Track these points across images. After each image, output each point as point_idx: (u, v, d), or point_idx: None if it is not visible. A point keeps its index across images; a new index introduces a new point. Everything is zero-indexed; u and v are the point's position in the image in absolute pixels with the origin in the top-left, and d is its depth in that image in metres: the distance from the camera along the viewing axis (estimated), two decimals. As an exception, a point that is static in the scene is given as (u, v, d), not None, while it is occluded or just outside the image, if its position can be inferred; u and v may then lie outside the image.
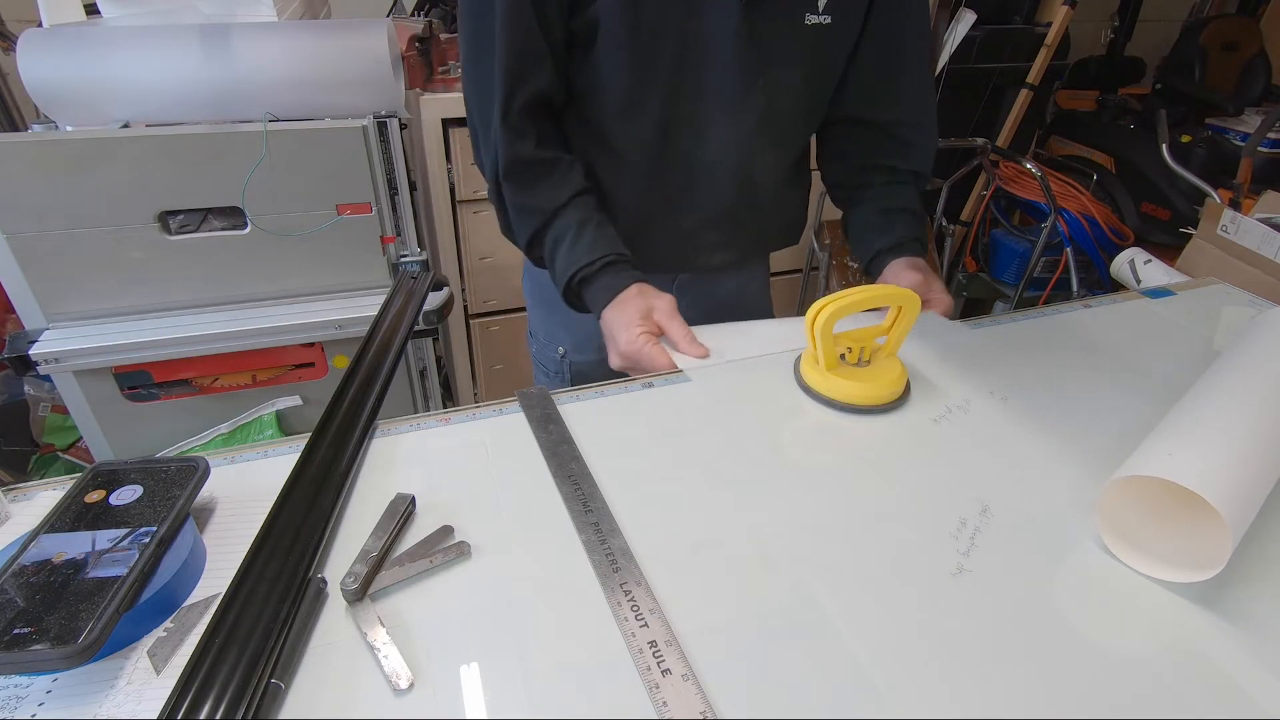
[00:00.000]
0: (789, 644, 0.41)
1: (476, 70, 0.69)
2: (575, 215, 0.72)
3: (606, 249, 0.72)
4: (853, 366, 0.65)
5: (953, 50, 1.85)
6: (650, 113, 0.73)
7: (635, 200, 0.78)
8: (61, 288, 0.99)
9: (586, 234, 0.72)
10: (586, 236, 0.72)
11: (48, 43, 0.98)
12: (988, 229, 2.20)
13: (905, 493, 0.53)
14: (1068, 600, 0.45)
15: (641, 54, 0.69)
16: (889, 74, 0.78)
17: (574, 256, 0.72)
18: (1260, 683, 0.40)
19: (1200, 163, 1.85)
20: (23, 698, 0.38)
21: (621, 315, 0.70)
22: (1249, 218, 1.00)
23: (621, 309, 0.71)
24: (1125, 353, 0.72)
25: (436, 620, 0.43)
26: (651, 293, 0.72)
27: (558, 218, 0.73)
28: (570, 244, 0.72)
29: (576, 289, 0.74)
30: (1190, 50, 2.10)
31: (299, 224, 1.04)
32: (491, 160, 0.71)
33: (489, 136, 0.71)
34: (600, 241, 0.72)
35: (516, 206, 0.73)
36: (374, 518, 0.48)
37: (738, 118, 0.74)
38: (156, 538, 0.43)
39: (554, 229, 0.73)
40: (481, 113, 0.71)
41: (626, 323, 0.70)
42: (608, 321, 0.72)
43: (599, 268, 0.72)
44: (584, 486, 0.52)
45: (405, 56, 1.34)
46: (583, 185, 0.74)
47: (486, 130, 0.71)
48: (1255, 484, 0.46)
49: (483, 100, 0.70)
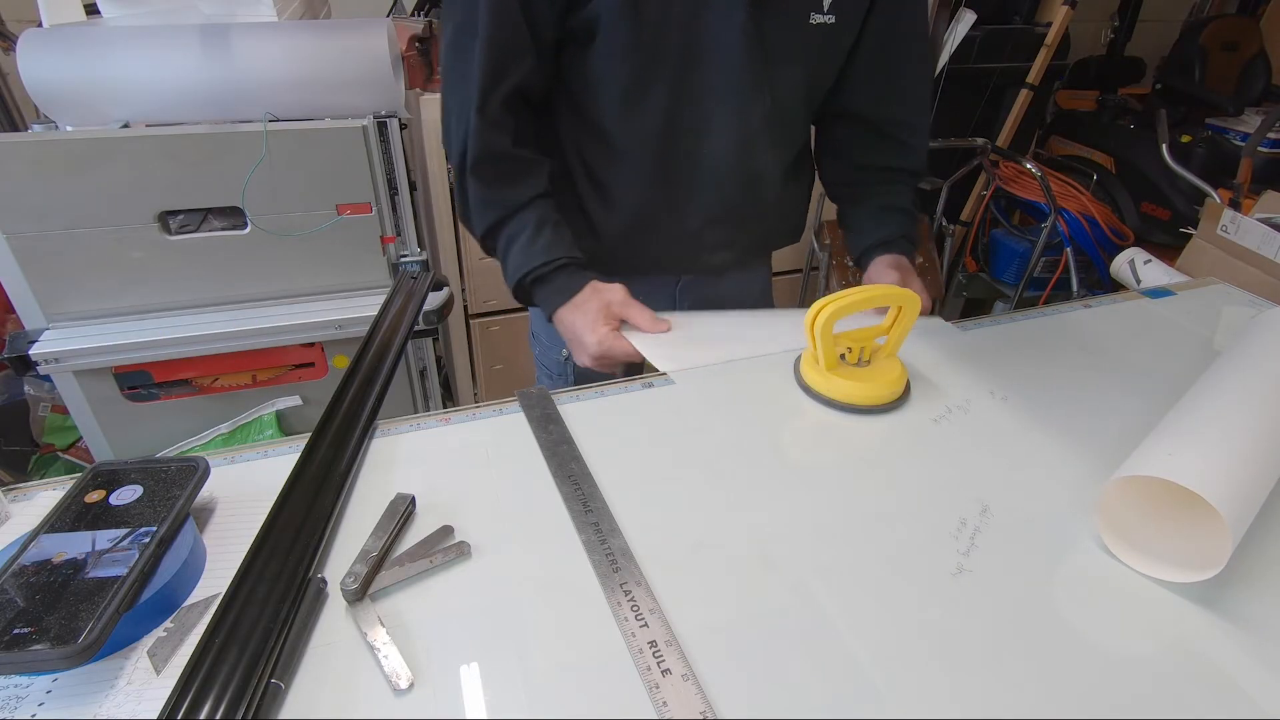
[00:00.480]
0: (789, 644, 0.41)
1: (457, 56, 0.69)
2: (534, 215, 0.73)
3: (562, 252, 0.73)
4: (853, 366, 0.65)
5: (953, 50, 1.84)
6: (653, 112, 0.72)
7: (638, 200, 0.78)
8: (61, 288, 0.99)
9: (544, 235, 0.73)
10: (543, 238, 0.73)
11: (48, 43, 0.98)
12: (988, 229, 2.20)
13: (905, 493, 0.53)
14: (1067, 600, 0.45)
15: (644, 53, 0.69)
16: (888, 72, 0.79)
17: (529, 256, 0.73)
18: (1260, 682, 0.40)
19: (1200, 163, 1.85)
20: (23, 698, 0.38)
21: (583, 317, 0.72)
22: (1249, 218, 1.00)
23: (581, 310, 0.72)
24: (1125, 353, 0.72)
25: (436, 620, 0.43)
26: (603, 288, 0.73)
27: (517, 215, 0.73)
28: (526, 243, 0.73)
29: (528, 287, 0.75)
30: (1190, 50, 2.09)
31: (299, 224, 1.04)
32: (461, 147, 0.71)
33: (463, 122, 0.71)
34: (557, 244, 0.73)
35: (480, 199, 0.74)
36: (374, 518, 0.48)
37: (742, 117, 0.74)
38: (156, 538, 0.43)
39: (511, 225, 0.74)
40: (458, 97, 0.71)
41: (590, 323, 0.71)
42: (567, 323, 0.74)
43: (554, 269, 0.73)
44: (584, 486, 0.52)
45: (405, 56, 1.34)
46: (545, 188, 0.75)
47: (462, 116, 0.70)
48: (1255, 484, 0.46)
49: (461, 86, 0.70)
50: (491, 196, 0.73)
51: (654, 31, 0.67)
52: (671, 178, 0.77)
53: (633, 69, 0.69)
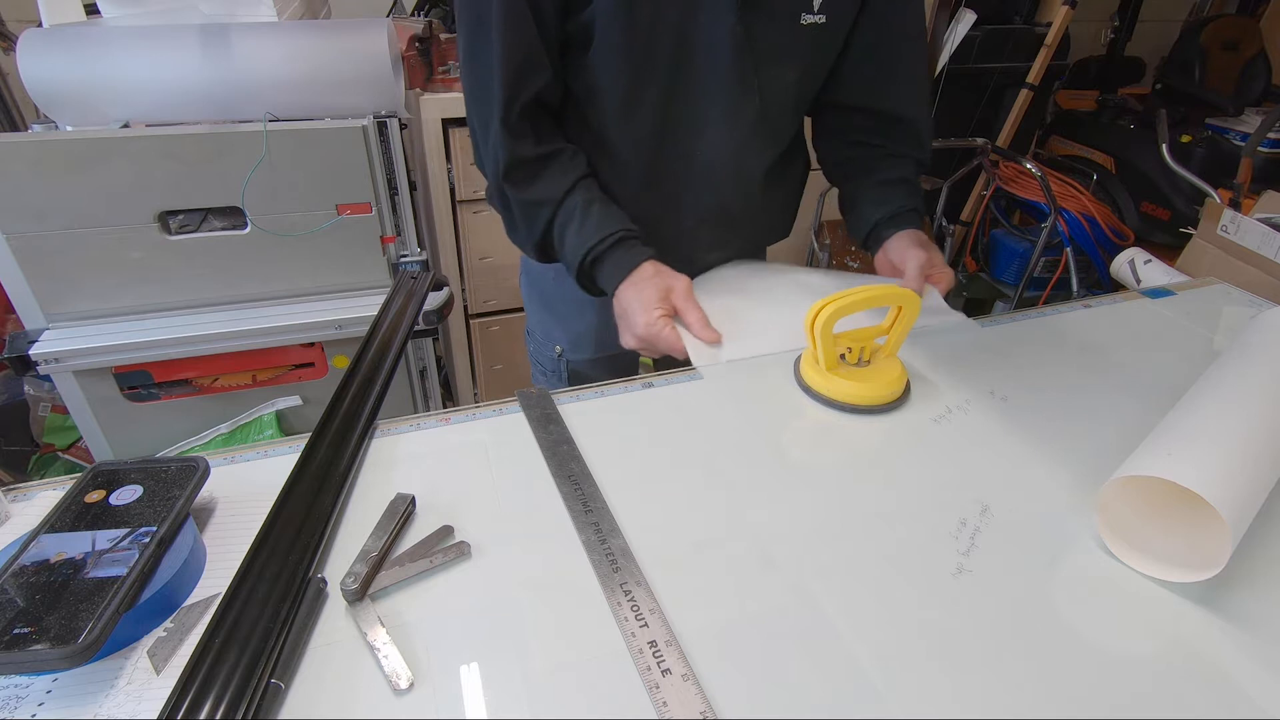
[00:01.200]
0: (789, 644, 0.41)
1: (474, 73, 0.69)
2: (579, 198, 0.71)
3: (616, 225, 0.71)
4: (853, 366, 0.65)
5: (953, 50, 1.84)
6: (647, 114, 0.72)
7: (633, 201, 0.78)
8: (61, 288, 0.99)
9: (593, 214, 0.71)
10: (593, 217, 0.70)
11: (48, 43, 0.98)
12: (988, 229, 2.20)
13: (905, 493, 0.53)
14: (1067, 600, 0.45)
15: (637, 56, 0.69)
16: (885, 67, 0.78)
17: (583, 237, 0.70)
18: (1260, 683, 0.40)
19: (1200, 163, 1.86)
20: (23, 698, 0.38)
21: (640, 295, 0.69)
22: (1249, 218, 1.00)
23: (639, 288, 0.70)
24: (1125, 353, 0.72)
25: (436, 620, 0.43)
26: (668, 273, 0.71)
27: (563, 205, 0.72)
28: (578, 225, 0.70)
29: (589, 270, 0.72)
30: (1190, 50, 2.10)
31: (299, 224, 1.04)
32: (492, 162, 0.71)
33: (488, 139, 0.70)
34: (608, 219, 0.71)
35: (521, 204, 0.73)
36: (374, 518, 0.48)
37: (734, 118, 0.74)
38: (156, 538, 0.43)
39: (560, 216, 0.72)
40: (480, 115, 0.70)
41: (645, 304, 0.69)
42: (623, 300, 0.70)
43: (610, 244, 0.70)
44: (584, 486, 0.52)
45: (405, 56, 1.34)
46: (585, 169, 0.73)
47: (486, 133, 0.70)
48: (1255, 484, 0.46)
49: (481, 103, 0.69)
50: (529, 197, 0.72)
51: (646, 33, 0.67)
52: (666, 178, 0.77)
53: (627, 71, 0.69)
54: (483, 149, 0.72)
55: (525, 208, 0.73)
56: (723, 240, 0.85)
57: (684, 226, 0.81)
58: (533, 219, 0.73)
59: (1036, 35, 1.94)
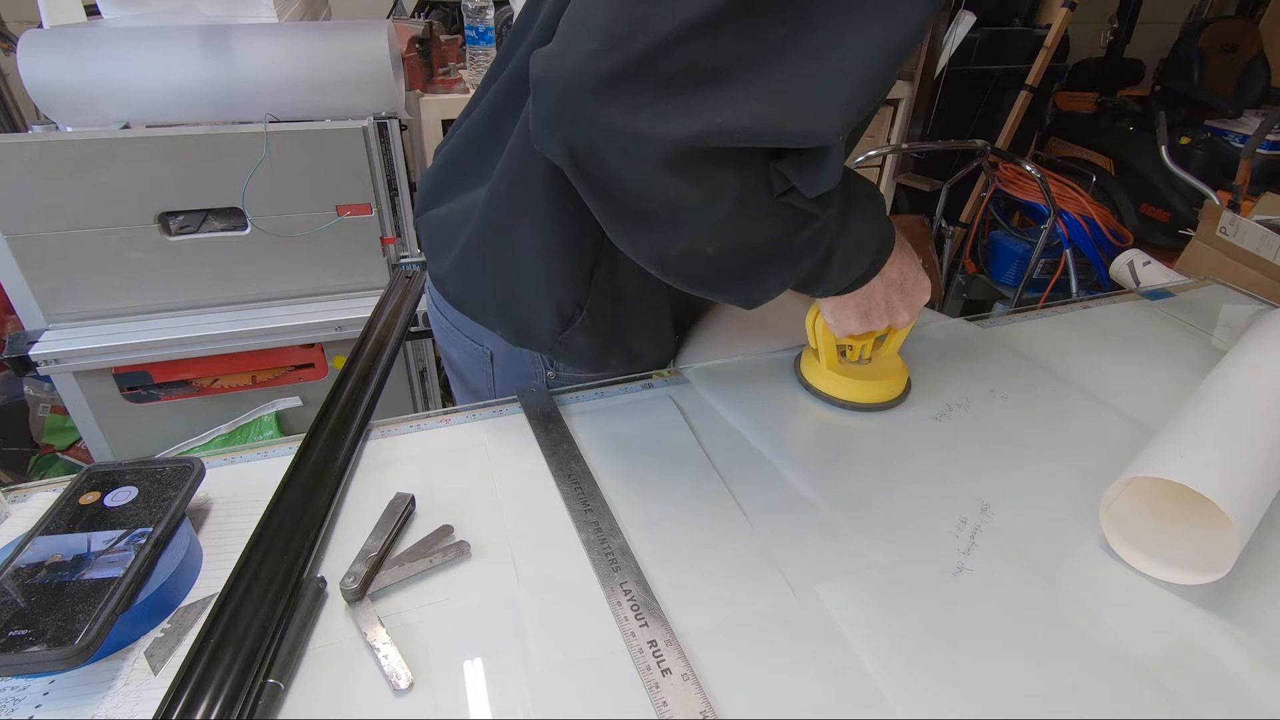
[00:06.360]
0: (789, 644, 0.41)
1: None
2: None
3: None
4: (853, 365, 0.65)
5: (952, 52, 1.84)
6: None
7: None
8: (61, 288, 0.99)
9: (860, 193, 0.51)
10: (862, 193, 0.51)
11: (48, 43, 0.98)
12: (987, 230, 2.20)
13: (905, 491, 0.53)
14: (1067, 599, 0.45)
15: None
16: None
17: (877, 204, 0.52)
18: (1264, 684, 0.40)
19: (1199, 164, 1.86)
20: (19, 699, 0.38)
21: (913, 258, 0.57)
22: (1248, 219, 1.00)
23: (906, 249, 0.57)
24: (1125, 353, 0.72)
25: (436, 620, 0.42)
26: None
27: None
28: (861, 207, 0.50)
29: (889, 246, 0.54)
30: (1189, 52, 2.10)
31: (299, 225, 1.04)
32: (827, 182, 0.43)
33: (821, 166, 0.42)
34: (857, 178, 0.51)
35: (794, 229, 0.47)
36: (374, 517, 0.48)
37: None
38: (152, 538, 0.43)
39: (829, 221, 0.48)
40: (806, 127, 0.39)
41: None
42: (906, 267, 0.56)
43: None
44: (584, 486, 0.52)
45: (405, 57, 1.34)
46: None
47: (801, 154, 0.42)
48: (1262, 487, 0.46)
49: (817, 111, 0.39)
50: (804, 209, 0.45)
51: None
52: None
53: None
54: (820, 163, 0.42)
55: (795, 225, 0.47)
56: None
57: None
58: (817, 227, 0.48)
59: (1036, 37, 1.94)
